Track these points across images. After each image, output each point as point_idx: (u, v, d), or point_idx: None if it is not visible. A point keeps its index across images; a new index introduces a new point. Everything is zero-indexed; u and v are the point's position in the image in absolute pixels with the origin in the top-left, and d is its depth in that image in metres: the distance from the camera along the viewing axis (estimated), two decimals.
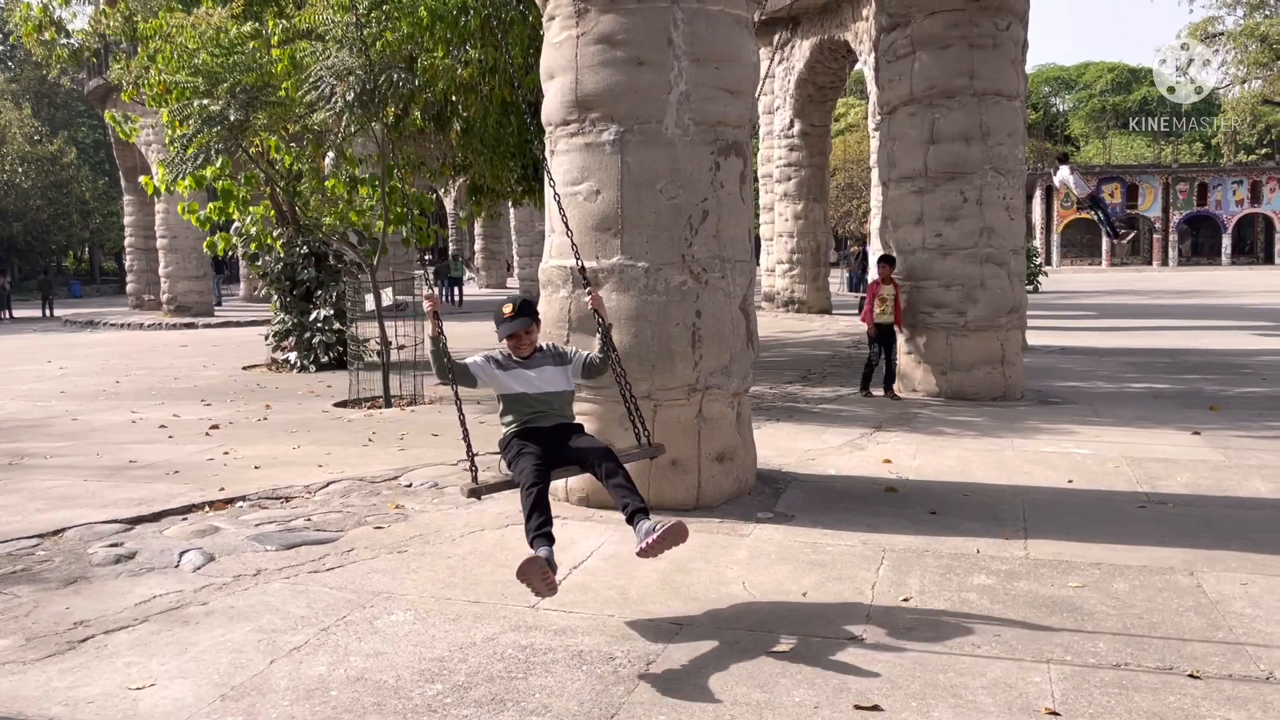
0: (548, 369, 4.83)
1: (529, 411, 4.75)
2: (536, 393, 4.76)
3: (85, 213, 49.34)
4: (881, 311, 10.73)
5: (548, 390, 4.80)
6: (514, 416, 4.76)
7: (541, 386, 4.79)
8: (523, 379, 4.76)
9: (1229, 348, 15.54)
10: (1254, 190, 56.31)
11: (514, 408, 4.76)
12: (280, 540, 5.58)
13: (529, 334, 4.83)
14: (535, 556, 4.05)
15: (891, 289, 10.74)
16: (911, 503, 6.29)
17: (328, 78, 10.31)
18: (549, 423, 4.75)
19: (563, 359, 4.92)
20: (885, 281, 10.75)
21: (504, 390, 4.76)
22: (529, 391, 4.75)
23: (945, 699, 3.54)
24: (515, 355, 4.80)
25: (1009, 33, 10.53)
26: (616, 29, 6.01)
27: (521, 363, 4.79)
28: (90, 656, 4.00)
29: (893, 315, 10.75)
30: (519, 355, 4.80)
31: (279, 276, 15.04)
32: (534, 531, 4.24)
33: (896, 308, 10.77)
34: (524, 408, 4.75)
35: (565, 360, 4.93)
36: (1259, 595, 4.55)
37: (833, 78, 23.28)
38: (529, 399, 4.75)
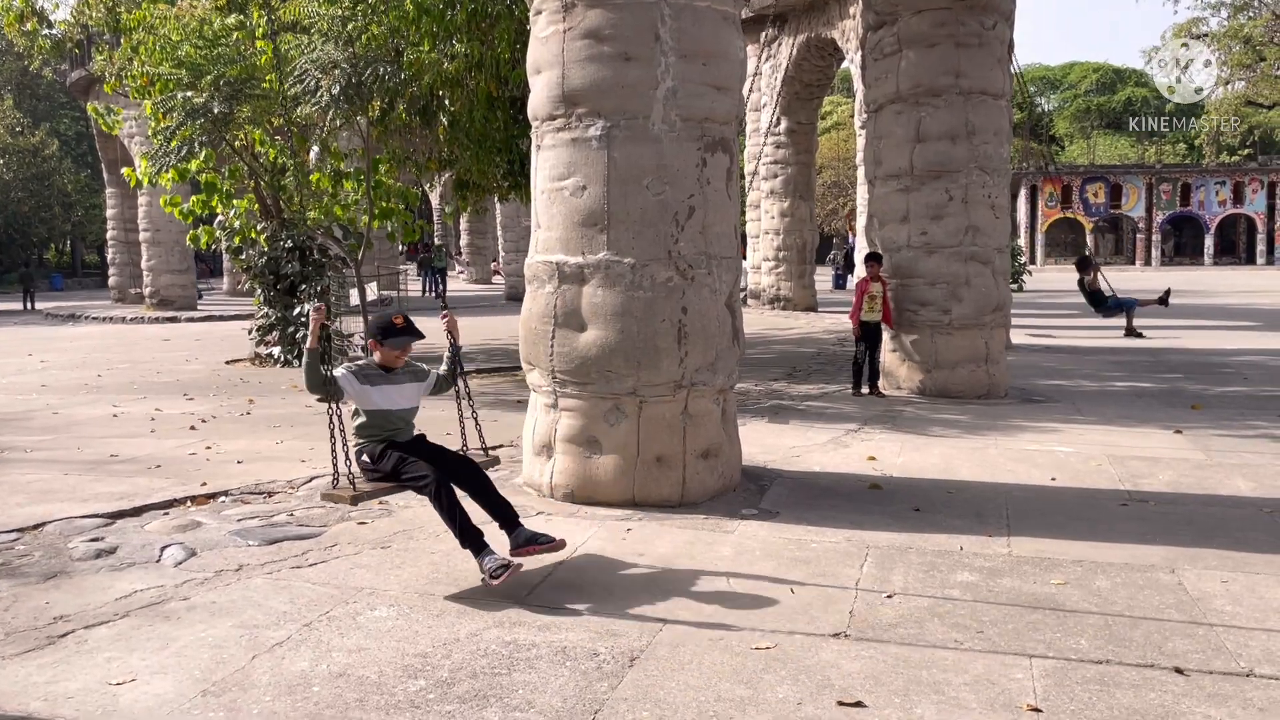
0: (409, 386, 4.99)
1: (390, 427, 4.88)
2: (399, 409, 4.91)
3: (67, 205, 48.95)
4: (870, 309, 10.69)
5: (407, 407, 4.96)
6: (375, 431, 4.87)
7: (402, 403, 4.94)
8: (388, 395, 4.87)
9: (1211, 347, 15.64)
10: (1236, 191, 56.68)
11: (377, 422, 4.86)
12: (262, 535, 5.55)
13: (407, 350, 4.96)
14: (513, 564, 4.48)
15: (880, 287, 10.71)
16: (895, 500, 6.31)
17: (313, 71, 10.26)
18: (406, 437, 4.93)
19: (420, 376, 5.07)
20: (873, 279, 10.71)
21: (369, 405, 4.84)
22: (393, 408, 4.89)
23: (928, 695, 3.55)
24: (383, 369, 4.90)
25: (995, 32, 10.56)
26: (604, 24, 6.00)
27: (386, 377, 4.90)
28: (70, 651, 3.97)
29: (881, 313, 10.72)
30: (387, 368, 4.90)
31: (263, 271, 14.96)
32: (472, 539, 4.59)
33: (885, 306, 10.73)
34: (386, 423, 4.88)
35: (423, 377, 5.09)
36: (1239, 593, 4.58)
37: (819, 75, 23.31)
38: (392, 415, 4.89)
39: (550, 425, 6.35)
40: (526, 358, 6.52)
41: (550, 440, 6.35)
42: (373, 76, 10.17)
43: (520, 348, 6.61)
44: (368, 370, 4.88)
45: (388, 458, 4.78)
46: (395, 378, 4.92)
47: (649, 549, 5.27)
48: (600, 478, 6.14)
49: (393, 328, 4.89)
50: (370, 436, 4.87)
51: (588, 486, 6.17)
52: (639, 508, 6.04)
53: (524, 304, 6.55)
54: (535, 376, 6.46)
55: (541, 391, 6.43)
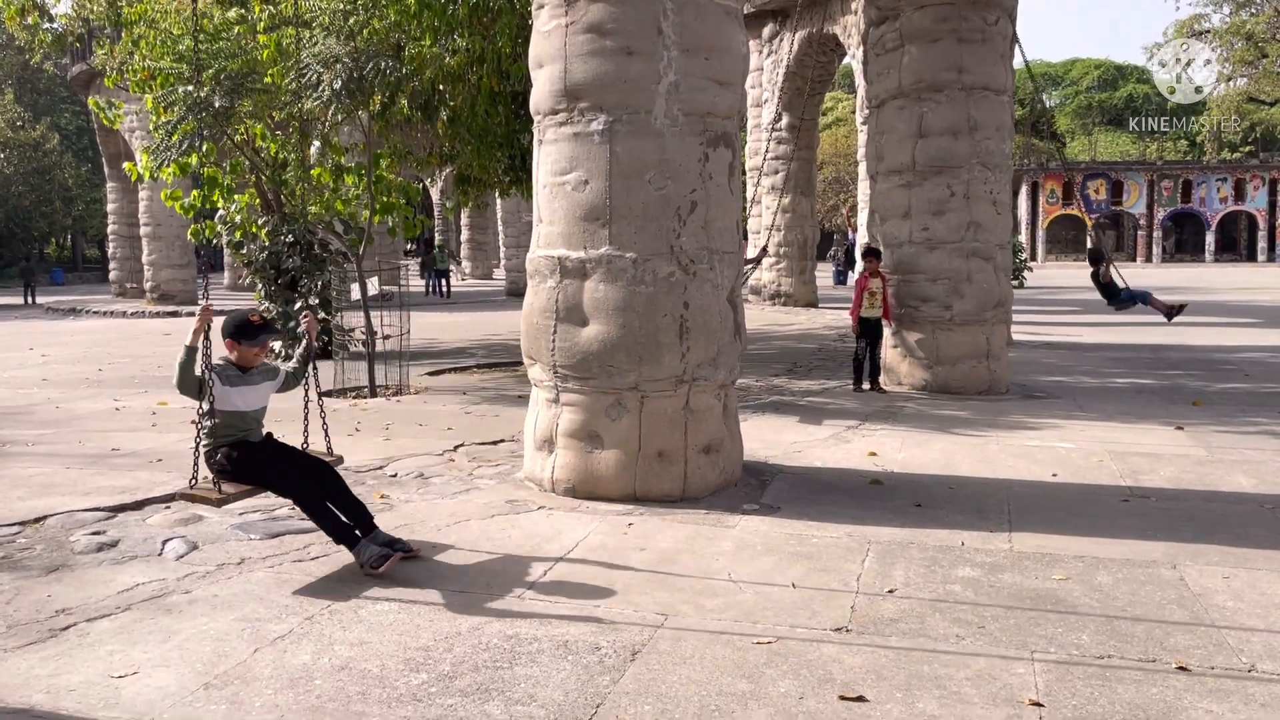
0: (264, 385, 4.96)
1: (244, 428, 4.85)
2: (254, 409, 4.90)
3: (68, 199, 48.93)
4: (870, 305, 10.65)
5: (260, 407, 4.95)
6: (230, 432, 4.81)
7: (257, 403, 4.92)
8: (244, 396, 4.84)
9: (1212, 344, 15.64)
10: (1238, 188, 56.67)
11: (232, 423, 4.81)
12: (264, 529, 5.55)
13: (263, 350, 4.94)
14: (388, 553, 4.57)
15: (879, 282, 10.66)
16: (897, 495, 6.31)
17: (314, 65, 10.24)
18: (258, 437, 4.92)
19: (272, 374, 5.03)
20: (873, 275, 10.66)
21: (227, 406, 4.78)
22: (248, 409, 4.87)
23: (930, 690, 3.55)
24: (239, 368, 4.86)
25: (997, 27, 10.55)
26: (606, 18, 5.99)
27: (243, 378, 4.86)
28: (72, 645, 3.97)
29: (881, 309, 10.67)
30: (243, 368, 4.87)
31: (264, 265, 14.92)
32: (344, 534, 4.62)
33: (885, 301, 10.69)
34: (241, 424, 4.84)
35: (274, 376, 5.05)
36: (1241, 589, 4.58)
37: (821, 71, 23.28)
38: (247, 416, 4.87)
39: (552, 420, 6.34)
40: (528, 352, 6.52)
41: (552, 435, 6.35)
42: (374, 71, 10.15)
43: (522, 342, 6.60)
44: (227, 372, 4.82)
45: (246, 460, 4.75)
46: (250, 378, 4.89)
47: (650, 544, 5.27)
48: (602, 473, 6.14)
49: (250, 326, 4.85)
50: (224, 437, 4.79)
51: (589, 481, 6.17)
52: (640, 503, 6.04)
53: (526, 299, 6.55)
54: (537, 371, 6.45)
55: (543, 386, 6.43)
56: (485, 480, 6.76)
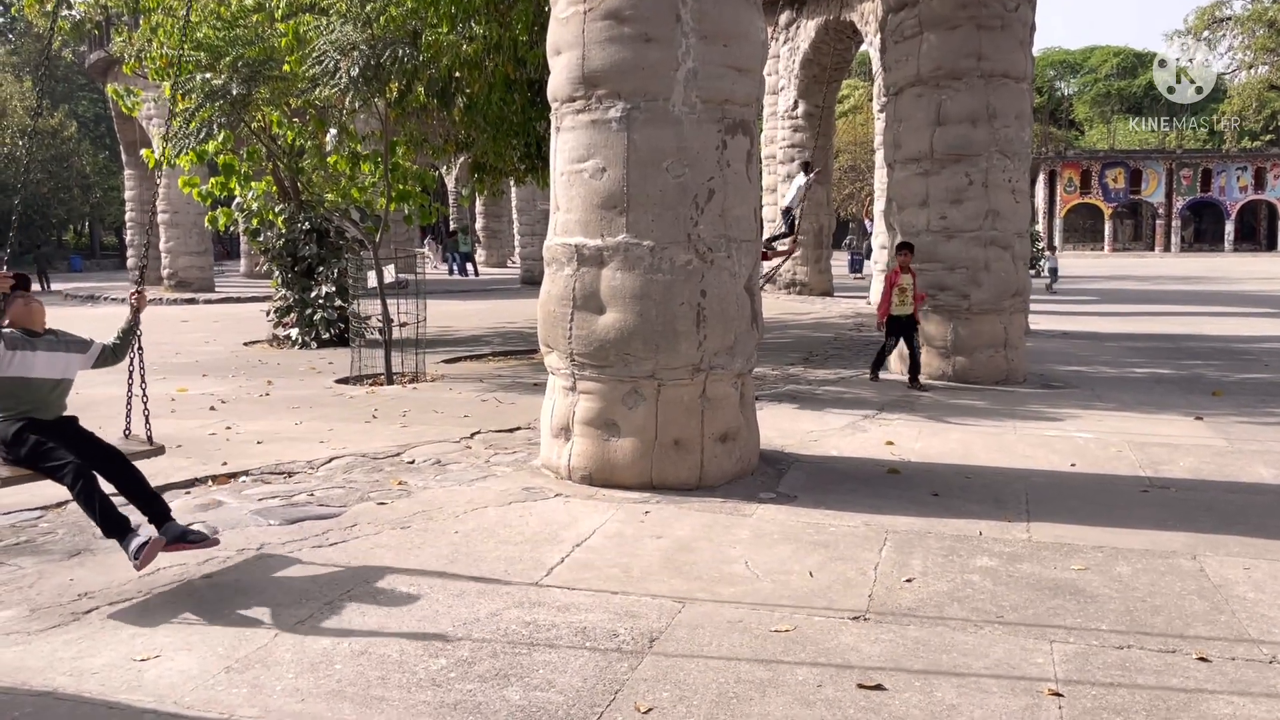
0: (58, 355, 4.58)
1: (28, 400, 4.45)
2: (38, 378, 4.46)
3: (86, 187, 49.17)
4: (901, 302, 10.21)
5: (50, 377, 4.52)
6: (10, 403, 4.43)
7: (44, 372, 4.49)
8: (30, 362, 4.44)
9: (1231, 334, 15.53)
10: (1258, 176, 56.13)
11: (11, 391, 4.42)
12: (283, 515, 5.58)
13: (40, 306, 4.58)
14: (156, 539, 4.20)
15: (910, 278, 10.23)
16: (914, 485, 6.30)
17: (331, 53, 10.25)
18: (50, 415, 4.50)
19: (77, 346, 4.71)
20: (904, 270, 10.25)
21: (6, 371, 4.40)
22: (40, 377, 4.46)
23: (948, 679, 3.54)
24: (27, 333, 4.49)
25: (1017, 14, 10.46)
26: (624, 5, 5.96)
27: (40, 343, 4.50)
28: (95, 628, 4.01)
29: (912, 306, 10.26)
30: (32, 332, 4.50)
31: (280, 253, 15.01)
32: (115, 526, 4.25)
33: (916, 297, 10.29)
34: (24, 394, 4.44)
35: (81, 348, 4.73)
36: (1262, 580, 4.56)
37: (838, 59, 23.15)
38: (31, 385, 4.44)
39: (568, 408, 6.35)
40: (545, 340, 6.52)
41: (568, 423, 6.35)
42: (391, 58, 10.15)
43: (538, 330, 6.61)
44: (12, 335, 4.44)
45: (25, 441, 4.34)
46: (49, 344, 4.54)
47: (667, 532, 5.28)
48: (618, 460, 6.15)
49: None
50: (5, 410, 4.42)
51: (606, 469, 6.18)
52: (657, 491, 6.05)
53: (542, 286, 6.55)
54: (554, 359, 6.46)
55: (560, 374, 6.44)
56: (502, 467, 6.78)
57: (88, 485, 4.27)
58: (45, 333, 4.61)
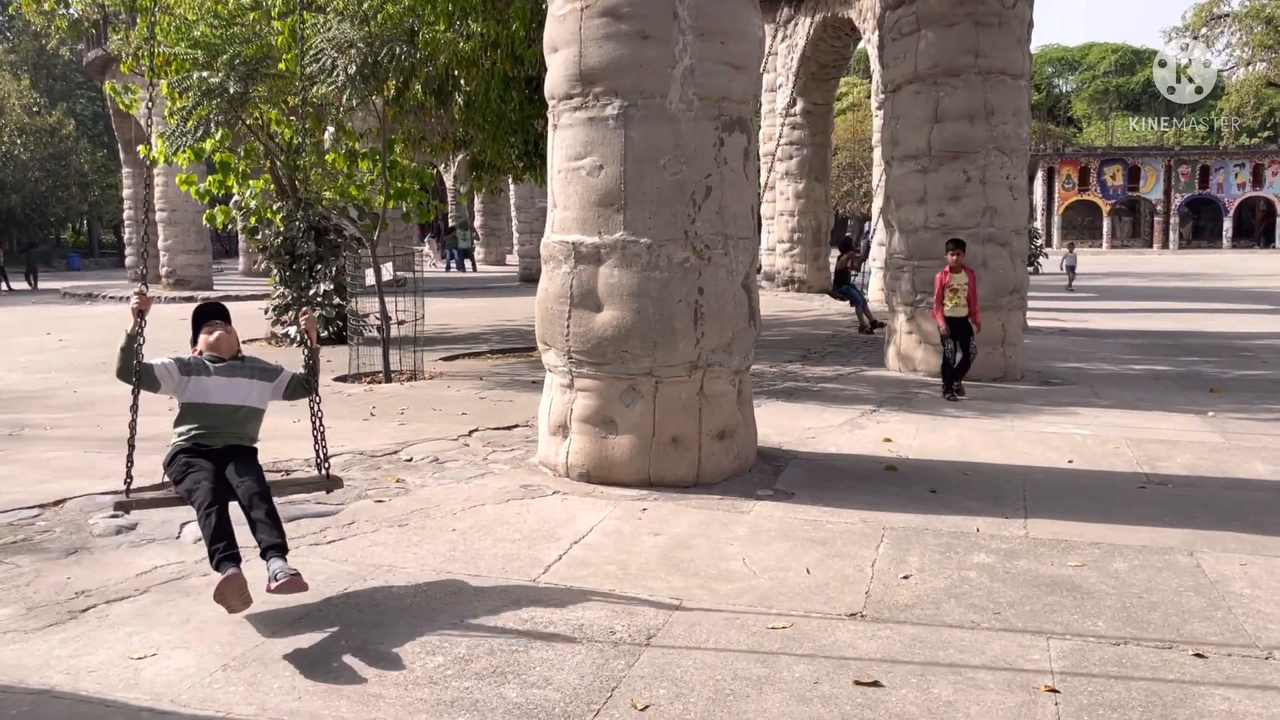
0: (241, 380, 4.48)
1: (205, 423, 4.38)
2: (220, 404, 4.39)
3: (84, 185, 49.12)
4: (955, 304, 9.34)
5: (235, 403, 4.43)
6: (189, 427, 4.40)
7: (229, 398, 4.41)
8: (208, 386, 4.39)
9: (1229, 330, 15.53)
10: (1256, 173, 56.15)
11: (191, 415, 4.40)
12: (281, 513, 5.56)
13: (228, 334, 4.55)
14: (232, 575, 3.83)
15: (964, 277, 9.37)
16: (912, 481, 6.30)
17: (329, 50, 10.24)
18: (220, 442, 4.38)
19: (268, 374, 4.59)
20: (955, 270, 9.39)
21: (184, 396, 4.39)
22: (210, 402, 4.38)
23: (945, 675, 3.55)
24: (210, 359, 4.47)
25: (1015, 11, 10.45)
26: (621, 2, 5.96)
27: (217, 369, 4.44)
28: (92, 626, 4.01)
29: (966, 307, 9.35)
30: (216, 358, 4.49)
31: (278, 251, 14.99)
32: (221, 554, 3.96)
33: (972, 297, 9.37)
34: (202, 416, 4.38)
35: (270, 376, 4.61)
36: (1258, 576, 4.56)
37: (836, 56, 23.16)
38: (208, 410, 4.38)
39: (566, 405, 6.35)
40: (542, 338, 6.52)
41: (566, 420, 6.36)
42: (388, 56, 10.14)
43: (536, 328, 6.61)
44: (194, 359, 4.48)
45: (177, 464, 4.32)
46: (226, 369, 4.45)
47: (665, 529, 5.28)
48: (616, 458, 6.15)
49: (199, 311, 4.57)
50: (181, 433, 4.40)
51: (603, 466, 6.18)
52: (654, 488, 6.05)
53: (540, 284, 6.55)
54: (551, 357, 6.46)
55: (557, 372, 6.44)
56: (500, 465, 6.78)
57: (220, 518, 4.08)
58: (233, 359, 4.54)
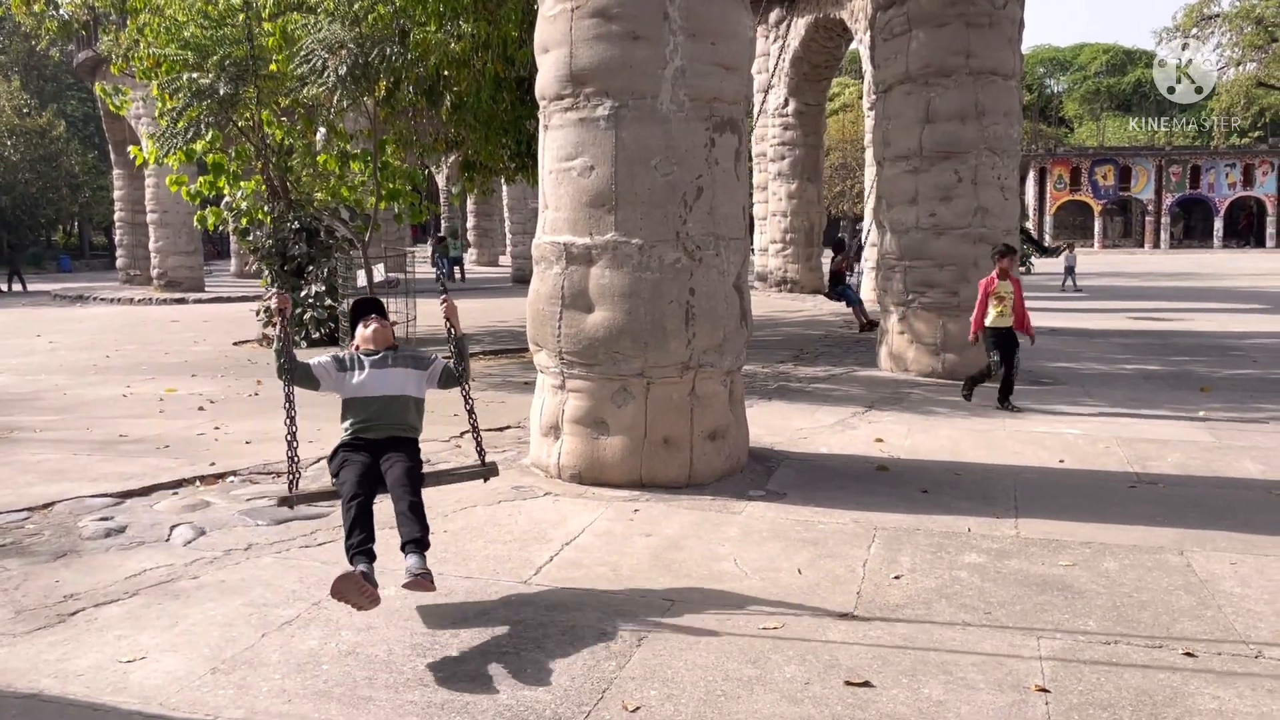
0: (397, 371, 4.50)
1: (364, 416, 4.40)
2: (375, 395, 4.42)
3: (74, 186, 48.88)
4: (1000, 313, 8.71)
5: (390, 394, 4.44)
6: (350, 421, 4.44)
7: (383, 389, 4.43)
8: (364, 380, 4.44)
9: (1220, 330, 15.58)
10: (1246, 173, 56.32)
11: (351, 410, 4.44)
12: (271, 515, 5.57)
13: (382, 327, 4.60)
14: (351, 572, 3.81)
15: (1010, 285, 8.76)
16: (903, 481, 6.30)
17: (319, 51, 10.23)
18: (381, 434, 4.39)
19: (420, 363, 4.63)
20: (1002, 276, 8.78)
21: (344, 392, 4.44)
22: (366, 395, 4.42)
23: (936, 675, 3.55)
24: (365, 353, 4.54)
25: (1006, 11, 10.47)
26: (611, 3, 5.96)
27: (370, 361, 4.49)
28: (80, 629, 3.99)
29: (1013, 317, 8.76)
30: (371, 351, 4.55)
31: (270, 252, 14.96)
32: (354, 549, 3.97)
33: (1019, 307, 8.79)
34: (361, 410, 4.41)
35: (423, 365, 4.63)
36: (1248, 575, 4.57)
37: (828, 56, 23.17)
38: (365, 403, 4.41)
39: (558, 406, 6.35)
40: (534, 339, 6.51)
41: (558, 421, 6.35)
42: (379, 57, 10.13)
43: (527, 329, 6.60)
44: (347, 355, 4.57)
45: (336, 457, 4.38)
46: (380, 362, 4.51)
47: (657, 529, 5.28)
48: (607, 459, 6.14)
49: (356, 305, 4.74)
50: (345, 428, 4.45)
51: (595, 467, 6.17)
52: (646, 489, 6.05)
53: (531, 285, 6.54)
54: (542, 358, 6.45)
55: (549, 373, 6.43)
56: None
57: (360, 510, 4.08)
58: (384, 351, 4.58)
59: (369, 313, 4.76)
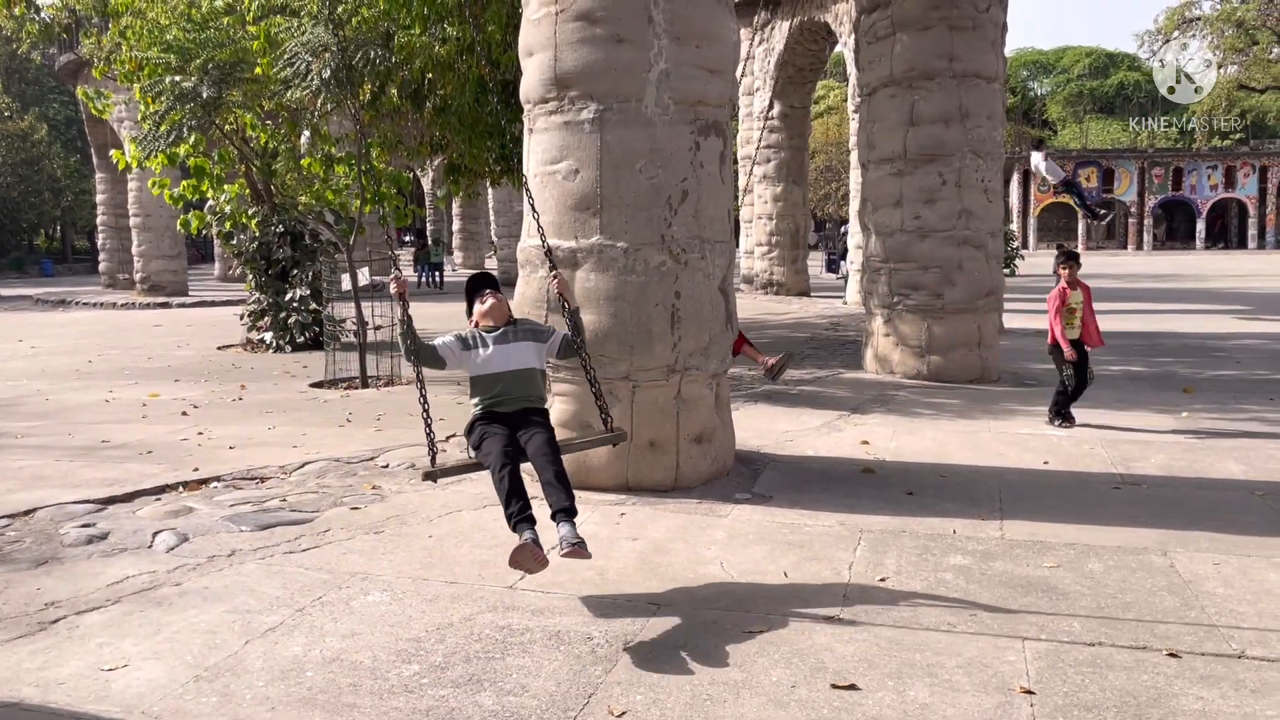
0: (519, 345, 4.65)
1: (494, 391, 4.55)
2: (502, 370, 4.55)
3: (57, 190, 48.63)
4: (1069, 324, 8.16)
5: (515, 367, 4.58)
6: (480, 397, 4.60)
7: (509, 364, 4.57)
8: (489, 356, 4.57)
9: (1203, 331, 15.67)
10: (1228, 175, 56.71)
11: (480, 386, 4.59)
12: (255, 521, 5.54)
13: (499, 302, 4.73)
14: (524, 544, 4.03)
15: (1080, 294, 8.20)
16: (889, 484, 6.32)
17: (303, 54, 10.17)
18: (513, 406, 4.54)
19: (539, 335, 4.77)
20: (1072, 286, 8.17)
21: (471, 369, 4.60)
22: (493, 371, 4.56)
23: (921, 678, 3.55)
24: (485, 329, 4.66)
25: (988, 15, 10.52)
26: (596, 6, 5.95)
27: (492, 338, 4.62)
28: (62, 637, 3.95)
29: (1080, 328, 8.19)
30: (490, 327, 4.67)
31: (254, 256, 14.90)
32: (516, 517, 4.17)
33: (1088, 318, 8.22)
34: (490, 386, 4.56)
35: (542, 337, 4.77)
36: (1231, 575, 4.60)
37: (812, 59, 23.24)
38: (493, 379, 4.55)
39: None
40: None
41: None
42: (363, 60, 10.09)
43: None
44: (468, 333, 4.67)
45: (475, 432, 4.53)
46: (502, 337, 4.62)
47: (643, 533, 5.27)
48: (593, 462, 6.13)
49: (471, 281, 4.83)
50: (475, 403, 4.60)
51: (581, 471, 6.15)
52: (632, 492, 6.04)
53: (516, 289, 6.53)
54: None
55: None
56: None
57: (513, 479, 4.27)
58: (505, 325, 4.71)
59: (483, 288, 4.84)
